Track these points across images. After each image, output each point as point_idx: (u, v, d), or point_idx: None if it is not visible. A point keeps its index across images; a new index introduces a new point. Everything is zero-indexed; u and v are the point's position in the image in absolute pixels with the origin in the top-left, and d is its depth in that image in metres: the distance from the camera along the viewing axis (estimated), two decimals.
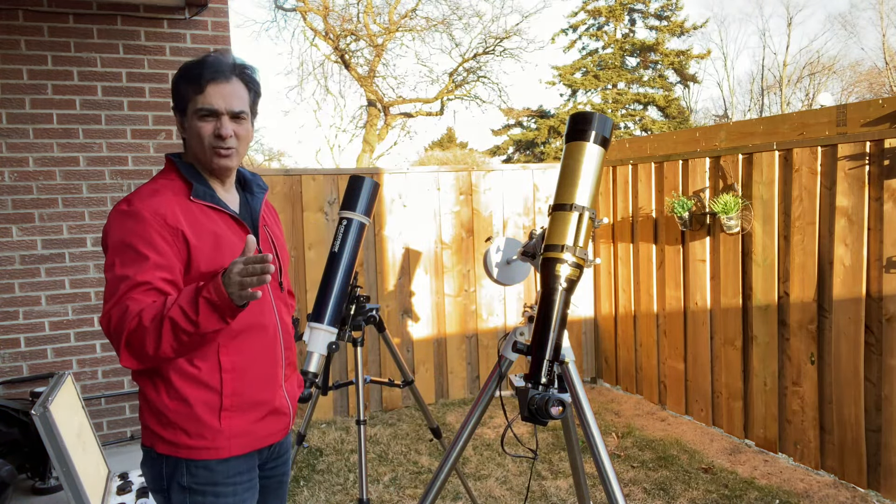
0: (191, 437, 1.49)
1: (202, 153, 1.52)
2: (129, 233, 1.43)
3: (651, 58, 23.51)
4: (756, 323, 3.90)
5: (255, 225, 1.62)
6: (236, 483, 1.54)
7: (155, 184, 1.53)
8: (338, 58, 18.78)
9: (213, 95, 1.49)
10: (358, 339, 2.68)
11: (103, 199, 3.53)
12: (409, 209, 4.84)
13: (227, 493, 1.53)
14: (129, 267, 1.40)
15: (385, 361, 4.79)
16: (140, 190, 1.51)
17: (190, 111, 1.50)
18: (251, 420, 1.54)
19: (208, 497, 1.51)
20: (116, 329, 1.36)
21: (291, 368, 1.69)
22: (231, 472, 1.53)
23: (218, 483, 1.52)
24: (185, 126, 1.53)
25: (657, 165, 4.62)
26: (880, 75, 23.39)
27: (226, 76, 1.51)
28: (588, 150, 1.86)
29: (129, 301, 1.37)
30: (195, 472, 1.50)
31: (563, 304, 1.77)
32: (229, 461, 1.53)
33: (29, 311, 3.41)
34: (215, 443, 1.50)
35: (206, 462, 1.50)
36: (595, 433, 1.94)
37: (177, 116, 1.55)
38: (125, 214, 1.45)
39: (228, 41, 3.70)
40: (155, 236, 1.42)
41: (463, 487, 3.39)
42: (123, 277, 1.40)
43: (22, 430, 2.48)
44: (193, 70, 1.51)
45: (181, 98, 1.52)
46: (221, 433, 1.50)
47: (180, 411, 1.48)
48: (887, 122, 3.14)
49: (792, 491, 3.41)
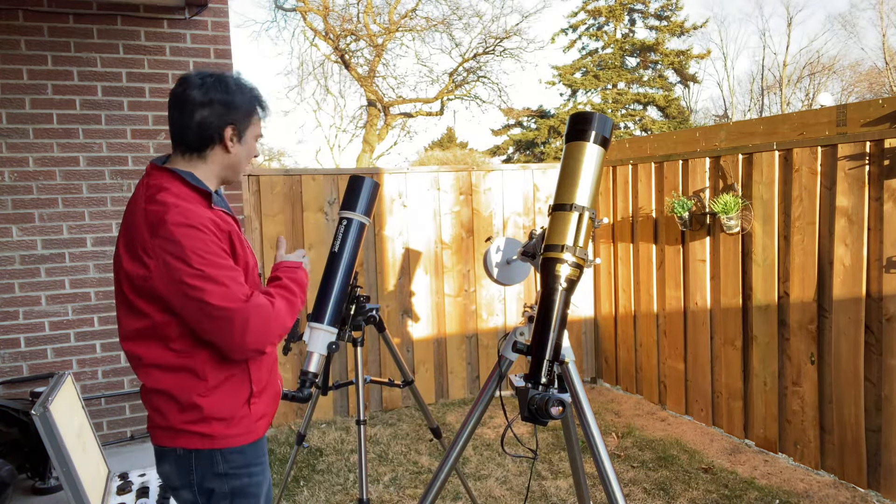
0: (228, 427, 1.59)
1: (241, 170, 1.70)
2: (203, 243, 1.50)
3: (651, 58, 23.51)
4: (756, 323, 3.90)
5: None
6: (262, 462, 1.70)
7: (173, 195, 1.53)
8: (338, 58, 18.79)
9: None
10: (358, 339, 2.68)
11: (103, 199, 3.53)
12: (409, 209, 4.84)
13: (258, 472, 1.67)
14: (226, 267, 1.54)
15: (385, 361, 4.79)
16: (169, 202, 1.51)
17: (252, 133, 1.67)
18: (267, 402, 1.71)
19: (243, 479, 1.63)
20: (263, 321, 1.52)
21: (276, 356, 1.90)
22: (259, 451, 1.69)
23: (251, 464, 1.65)
24: (240, 142, 1.64)
25: (657, 165, 4.62)
26: (880, 75, 23.40)
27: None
28: (588, 150, 1.86)
29: (256, 297, 1.54)
30: (230, 458, 1.61)
31: (563, 304, 1.77)
32: (256, 442, 1.67)
33: (29, 311, 3.42)
34: (248, 428, 1.63)
35: (241, 447, 1.62)
36: (595, 433, 1.94)
37: (231, 130, 1.60)
38: (189, 227, 1.48)
39: (228, 41, 3.70)
40: (219, 246, 1.54)
41: (463, 487, 3.39)
42: (232, 273, 1.52)
43: (22, 430, 2.48)
44: (264, 99, 1.69)
45: (249, 117, 1.64)
46: (250, 417, 1.63)
47: (216, 404, 1.58)
48: (887, 122, 3.14)
49: (792, 491, 3.41)
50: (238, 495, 1.62)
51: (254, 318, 1.49)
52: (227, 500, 1.61)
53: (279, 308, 1.58)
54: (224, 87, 1.59)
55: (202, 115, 1.56)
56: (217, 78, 1.59)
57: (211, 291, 1.46)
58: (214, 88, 1.57)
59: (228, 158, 1.63)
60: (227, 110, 1.58)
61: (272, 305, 1.56)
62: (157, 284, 1.48)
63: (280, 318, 1.57)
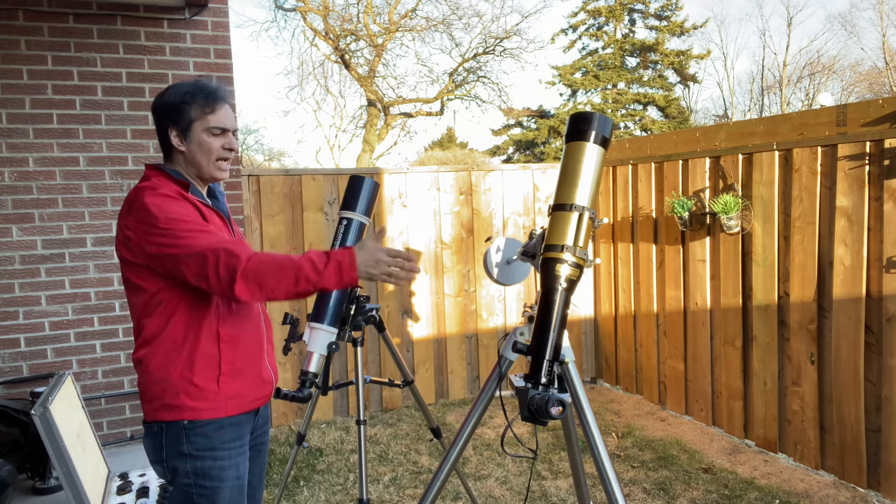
0: (193, 399, 1.66)
1: (206, 164, 1.75)
2: (170, 205, 1.63)
3: (651, 58, 23.50)
4: (756, 323, 3.90)
5: (230, 221, 1.86)
6: (231, 448, 1.72)
7: (152, 182, 1.72)
8: (338, 58, 18.79)
9: (223, 116, 1.75)
10: (358, 339, 2.68)
11: (103, 199, 3.53)
12: (409, 209, 4.84)
13: (224, 457, 1.71)
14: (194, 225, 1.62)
15: (385, 361, 4.79)
16: (147, 186, 1.70)
17: (199, 128, 1.73)
18: (243, 385, 1.74)
19: (206, 461, 1.68)
20: (228, 264, 1.53)
21: (270, 346, 1.91)
22: (226, 437, 1.71)
23: (215, 448, 1.69)
24: (186, 140, 1.73)
25: (657, 165, 4.62)
26: (880, 75, 23.39)
27: (227, 100, 1.79)
28: (588, 150, 1.86)
29: (227, 244, 1.57)
30: (194, 440, 1.67)
31: (563, 304, 1.77)
32: (224, 428, 1.71)
33: (29, 311, 3.41)
34: (215, 404, 1.69)
35: (204, 428, 1.68)
36: (595, 433, 1.94)
37: (172, 131, 1.73)
38: (157, 196, 1.64)
39: (228, 41, 3.70)
40: (189, 210, 1.67)
41: (463, 487, 3.39)
42: (201, 231, 1.60)
43: (22, 430, 2.48)
44: (204, 92, 1.73)
45: (184, 116, 1.72)
46: (220, 394, 1.69)
47: (184, 377, 1.66)
48: (887, 122, 3.14)
49: (792, 491, 3.41)
50: (200, 476, 1.68)
51: (224, 256, 1.53)
52: (188, 478, 1.68)
53: (263, 260, 1.53)
54: (160, 95, 1.75)
55: (156, 125, 1.76)
56: (166, 88, 1.77)
57: (182, 243, 1.57)
58: (157, 98, 1.75)
59: (185, 157, 1.74)
60: (163, 114, 1.73)
61: (256, 256, 1.54)
62: (138, 254, 1.62)
63: (264, 269, 1.52)
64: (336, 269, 1.52)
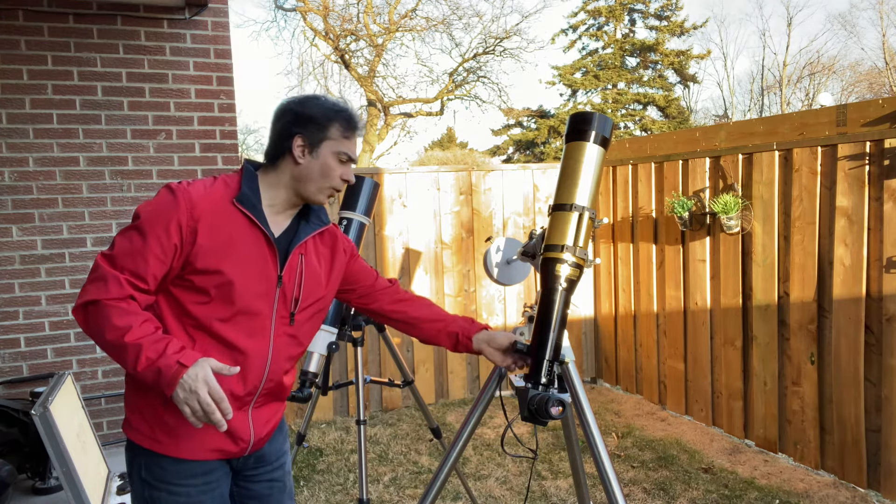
0: (149, 427, 1.53)
1: (317, 186, 1.58)
2: (155, 207, 1.48)
3: (651, 58, 23.50)
4: (756, 323, 3.90)
5: (288, 249, 1.60)
6: (189, 486, 1.55)
7: (216, 181, 1.58)
8: (338, 58, 18.79)
9: (354, 146, 1.63)
10: (358, 338, 2.68)
11: (103, 199, 3.53)
12: (409, 209, 4.84)
13: (181, 493, 1.55)
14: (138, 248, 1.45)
15: (385, 361, 4.79)
16: (197, 181, 1.57)
17: (329, 148, 1.57)
18: (200, 430, 1.50)
19: (162, 493, 1.55)
20: (95, 288, 1.41)
21: (270, 399, 1.64)
22: (183, 474, 1.54)
23: (170, 482, 1.54)
24: (311, 155, 1.57)
25: (657, 165, 4.62)
26: (880, 75, 23.39)
27: (361, 133, 1.67)
28: (588, 150, 1.86)
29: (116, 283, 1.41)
30: (151, 469, 1.54)
31: (563, 304, 1.77)
32: (181, 463, 1.54)
33: (29, 311, 3.41)
34: (166, 439, 1.53)
35: (159, 460, 1.54)
36: (595, 433, 1.94)
37: (299, 140, 1.56)
38: (170, 191, 1.50)
39: (228, 41, 3.70)
40: (170, 220, 1.46)
41: (463, 487, 3.38)
42: (132, 253, 1.44)
43: (22, 430, 2.48)
44: (351, 118, 1.61)
45: (321, 131, 1.56)
46: (173, 431, 1.52)
47: (144, 400, 1.53)
48: (887, 122, 3.14)
49: (792, 491, 3.41)
50: (153, 502, 1.56)
51: (94, 288, 1.40)
52: (143, 502, 1.58)
53: (114, 313, 1.37)
54: (299, 101, 1.59)
55: (278, 125, 1.59)
56: (306, 95, 1.63)
57: (115, 241, 1.47)
58: (293, 103, 1.59)
59: (298, 170, 1.57)
60: (296, 121, 1.56)
61: (116, 306, 1.38)
62: None
63: (104, 318, 1.37)
64: (154, 374, 1.32)
